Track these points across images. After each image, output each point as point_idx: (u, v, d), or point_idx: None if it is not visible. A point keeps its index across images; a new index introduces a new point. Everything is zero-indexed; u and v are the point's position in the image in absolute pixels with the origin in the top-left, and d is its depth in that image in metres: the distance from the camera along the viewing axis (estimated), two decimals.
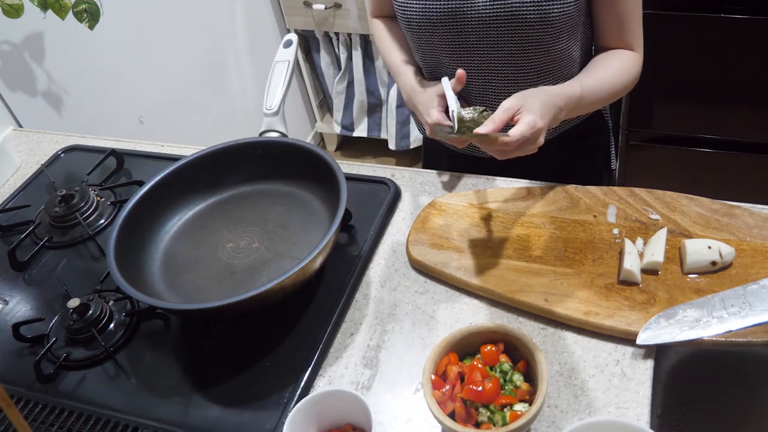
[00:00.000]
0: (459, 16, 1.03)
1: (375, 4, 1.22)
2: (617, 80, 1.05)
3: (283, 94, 1.14)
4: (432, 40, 1.07)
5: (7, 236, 1.21)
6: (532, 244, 0.99)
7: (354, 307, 0.98)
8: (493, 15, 1.01)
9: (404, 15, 1.07)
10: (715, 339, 0.81)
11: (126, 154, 1.33)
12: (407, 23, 1.08)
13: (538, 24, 1.00)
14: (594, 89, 1.02)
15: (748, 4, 1.61)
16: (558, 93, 0.96)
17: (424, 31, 1.06)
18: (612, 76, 1.04)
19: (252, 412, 0.86)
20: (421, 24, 1.05)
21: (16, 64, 1.55)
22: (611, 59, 1.06)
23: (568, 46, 1.06)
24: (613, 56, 1.07)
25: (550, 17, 1.00)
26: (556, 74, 1.08)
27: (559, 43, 1.04)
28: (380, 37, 1.22)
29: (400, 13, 1.08)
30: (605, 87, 1.04)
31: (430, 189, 1.15)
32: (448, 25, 1.04)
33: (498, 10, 1.00)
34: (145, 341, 0.98)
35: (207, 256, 1.04)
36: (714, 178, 1.94)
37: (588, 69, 1.06)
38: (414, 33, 1.09)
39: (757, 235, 0.94)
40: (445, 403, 0.75)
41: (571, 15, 1.01)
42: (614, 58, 1.06)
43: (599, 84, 1.03)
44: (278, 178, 1.11)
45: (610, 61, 1.06)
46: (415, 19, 1.05)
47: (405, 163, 2.82)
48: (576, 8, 1.01)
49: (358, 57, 2.55)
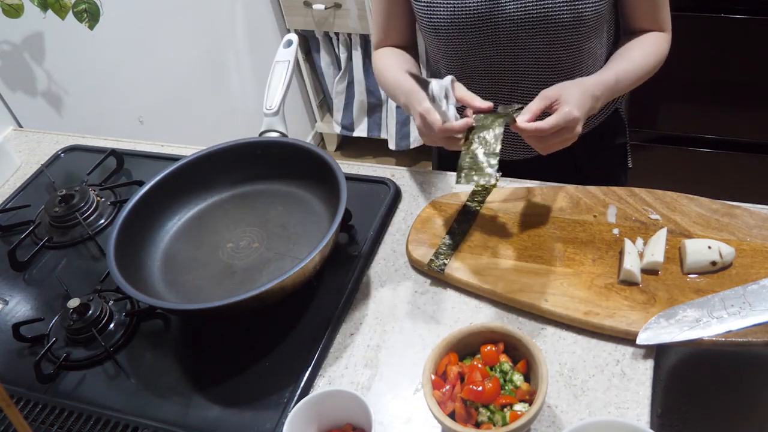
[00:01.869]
0: (488, 20, 1.02)
1: (382, 32, 1.16)
2: (650, 61, 1.06)
3: (283, 94, 1.14)
4: (460, 45, 1.06)
5: (7, 236, 1.21)
6: (531, 244, 0.99)
7: (354, 307, 0.98)
8: (525, 17, 1.01)
9: (431, 21, 1.05)
10: (715, 339, 0.81)
11: (126, 154, 1.33)
12: (434, 30, 1.06)
13: (570, 24, 1.01)
14: (627, 73, 1.03)
15: (748, 4, 1.62)
16: (595, 82, 0.97)
17: (453, 36, 1.05)
18: (644, 58, 1.06)
19: (252, 412, 0.86)
20: (450, 29, 1.04)
21: (16, 64, 1.55)
22: (645, 41, 1.08)
23: (596, 44, 1.07)
24: (647, 39, 1.08)
25: (583, 17, 1.00)
26: (584, 73, 1.08)
27: (588, 42, 1.05)
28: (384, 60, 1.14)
29: (426, 19, 1.06)
30: (638, 70, 1.05)
31: (430, 189, 1.15)
32: (477, 29, 1.03)
33: (530, 12, 1.00)
34: (145, 341, 0.98)
35: (207, 256, 1.04)
36: (714, 178, 1.94)
37: (622, 53, 1.07)
38: (441, 39, 1.07)
39: (757, 235, 0.94)
40: (445, 403, 0.75)
41: (602, 13, 1.02)
42: (647, 40, 1.08)
43: (633, 68, 1.04)
44: (278, 178, 1.11)
45: (644, 43, 1.08)
46: (443, 26, 1.04)
47: (405, 163, 2.82)
48: (606, 5, 1.03)
49: (358, 57, 2.55)
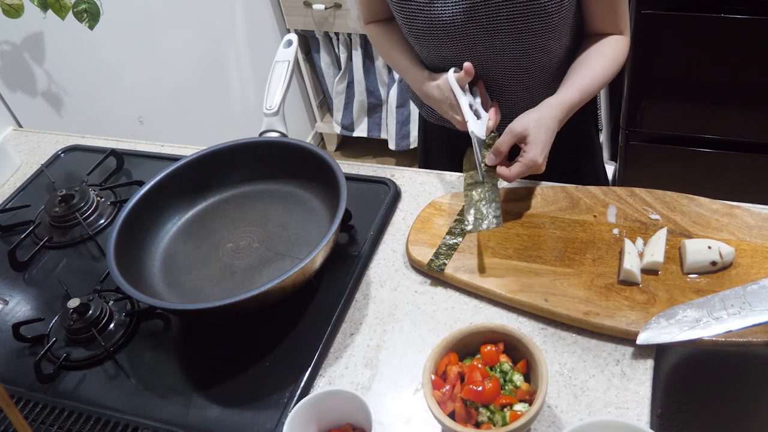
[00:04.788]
0: (464, 31, 1.06)
1: (367, 11, 1.22)
2: (609, 71, 1.09)
3: (283, 94, 1.14)
4: (440, 50, 1.11)
5: (7, 236, 1.21)
6: (532, 244, 0.99)
7: (354, 307, 0.98)
8: (497, 28, 1.05)
9: (411, 30, 1.10)
10: (715, 339, 0.81)
11: (126, 154, 1.33)
12: (414, 38, 1.11)
13: (539, 32, 1.05)
14: (590, 87, 1.06)
15: (748, 4, 1.61)
16: (559, 107, 1.02)
17: (432, 43, 1.10)
18: (605, 68, 1.08)
19: (252, 412, 0.86)
20: (429, 38, 1.09)
21: (16, 64, 1.55)
22: (603, 48, 1.10)
23: (565, 42, 1.11)
24: (606, 45, 1.10)
25: (551, 24, 1.04)
26: (555, 66, 1.13)
27: (557, 42, 1.09)
28: (379, 42, 1.23)
29: (406, 28, 1.11)
30: (598, 81, 1.08)
31: (430, 189, 1.15)
32: (454, 39, 1.07)
33: (502, 24, 1.04)
34: (145, 341, 0.98)
35: (207, 256, 1.04)
36: (714, 178, 1.94)
37: (583, 65, 1.09)
38: (422, 45, 1.12)
39: (757, 235, 0.94)
40: (445, 403, 0.75)
41: (568, 16, 1.06)
42: (605, 46, 1.10)
43: (594, 81, 1.07)
44: (278, 178, 1.11)
45: (604, 50, 1.09)
46: (422, 35, 1.09)
47: (405, 163, 2.82)
48: (571, 10, 1.06)
49: (358, 57, 2.55)
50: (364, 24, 1.25)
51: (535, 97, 1.15)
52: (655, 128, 1.94)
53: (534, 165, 0.97)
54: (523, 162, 0.98)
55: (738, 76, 1.74)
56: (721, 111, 1.82)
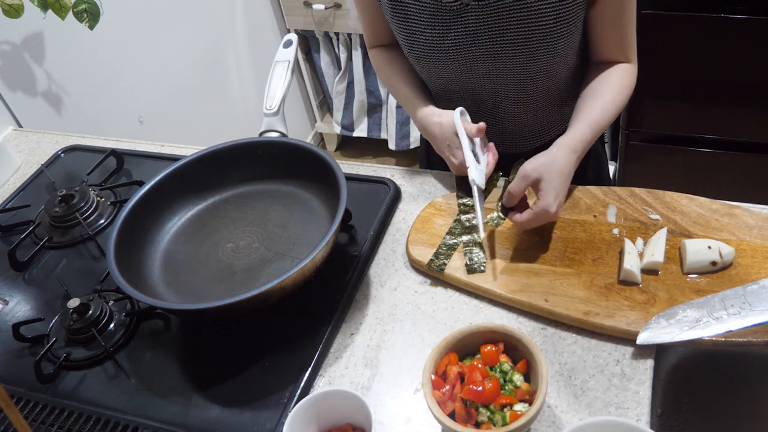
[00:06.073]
0: (466, 54, 1.04)
1: (372, 34, 1.19)
2: (619, 101, 1.05)
3: (283, 94, 1.14)
4: (442, 72, 1.09)
5: (7, 236, 1.21)
6: (532, 244, 0.99)
7: (354, 307, 0.98)
8: (501, 52, 1.03)
9: (412, 52, 1.08)
10: (715, 339, 0.81)
11: (126, 154, 1.33)
12: (416, 59, 1.09)
13: (545, 57, 1.02)
14: (601, 121, 1.02)
15: (748, 4, 1.61)
16: (571, 145, 0.97)
17: (434, 66, 1.08)
18: (615, 98, 1.04)
19: (252, 412, 0.86)
20: (430, 60, 1.07)
21: (16, 64, 1.55)
22: (612, 78, 1.06)
23: (571, 65, 1.08)
24: (613, 74, 1.06)
25: (557, 49, 1.02)
26: (560, 88, 1.11)
27: (563, 66, 1.07)
28: (381, 69, 1.20)
29: (407, 49, 1.09)
30: (609, 114, 1.03)
31: (430, 189, 1.15)
32: (456, 62, 1.05)
33: (506, 48, 1.02)
34: (145, 341, 0.98)
35: (207, 256, 1.04)
36: (714, 178, 1.94)
37: (592, 97, 1.05)
38: (423, 67, 1.10)
39: (757, 235, 0.94)
40: (445, 403, 0.75)
41: (575, 42, 1.04)
42: (614, 75, 1.06)
43: (605, 114, 1.03)
44: (278, 178, 1.11)
45: (611, 80, 1.06)
46: (423, 57, 1.07)
47: (405, 163, 2.82)
48: (578, 36, 1.04)
49: (358, 57, 2.55)
50: (368, 48, 1.22)
51: (539, 119, 1.14)
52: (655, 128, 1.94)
53: (546, 214, 0.93)
54: (534, 211, 0.93)
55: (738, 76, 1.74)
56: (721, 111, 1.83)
